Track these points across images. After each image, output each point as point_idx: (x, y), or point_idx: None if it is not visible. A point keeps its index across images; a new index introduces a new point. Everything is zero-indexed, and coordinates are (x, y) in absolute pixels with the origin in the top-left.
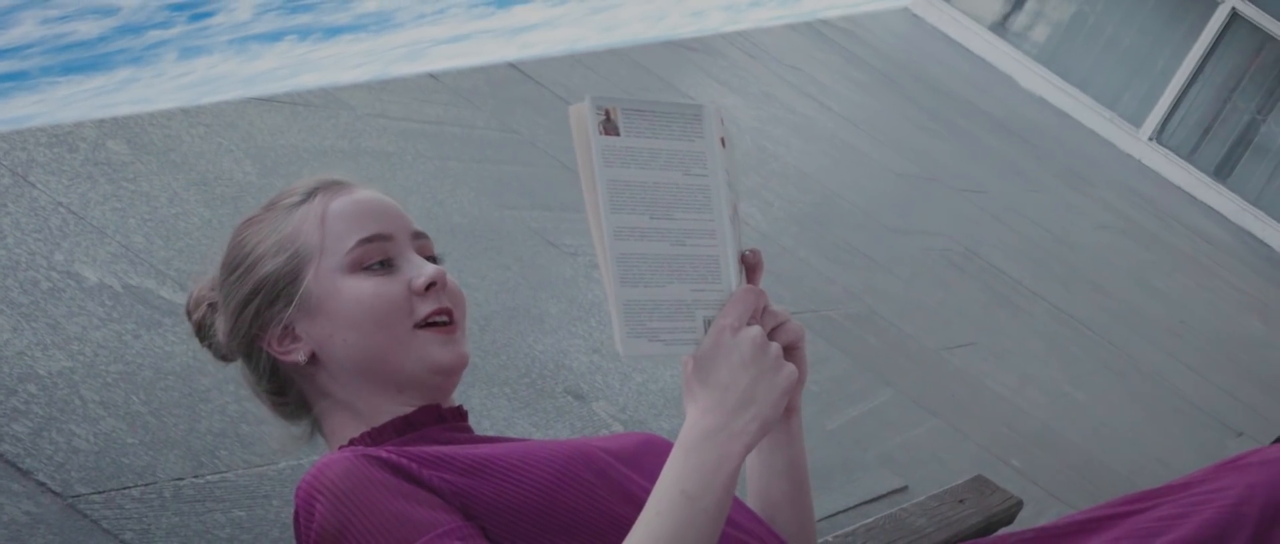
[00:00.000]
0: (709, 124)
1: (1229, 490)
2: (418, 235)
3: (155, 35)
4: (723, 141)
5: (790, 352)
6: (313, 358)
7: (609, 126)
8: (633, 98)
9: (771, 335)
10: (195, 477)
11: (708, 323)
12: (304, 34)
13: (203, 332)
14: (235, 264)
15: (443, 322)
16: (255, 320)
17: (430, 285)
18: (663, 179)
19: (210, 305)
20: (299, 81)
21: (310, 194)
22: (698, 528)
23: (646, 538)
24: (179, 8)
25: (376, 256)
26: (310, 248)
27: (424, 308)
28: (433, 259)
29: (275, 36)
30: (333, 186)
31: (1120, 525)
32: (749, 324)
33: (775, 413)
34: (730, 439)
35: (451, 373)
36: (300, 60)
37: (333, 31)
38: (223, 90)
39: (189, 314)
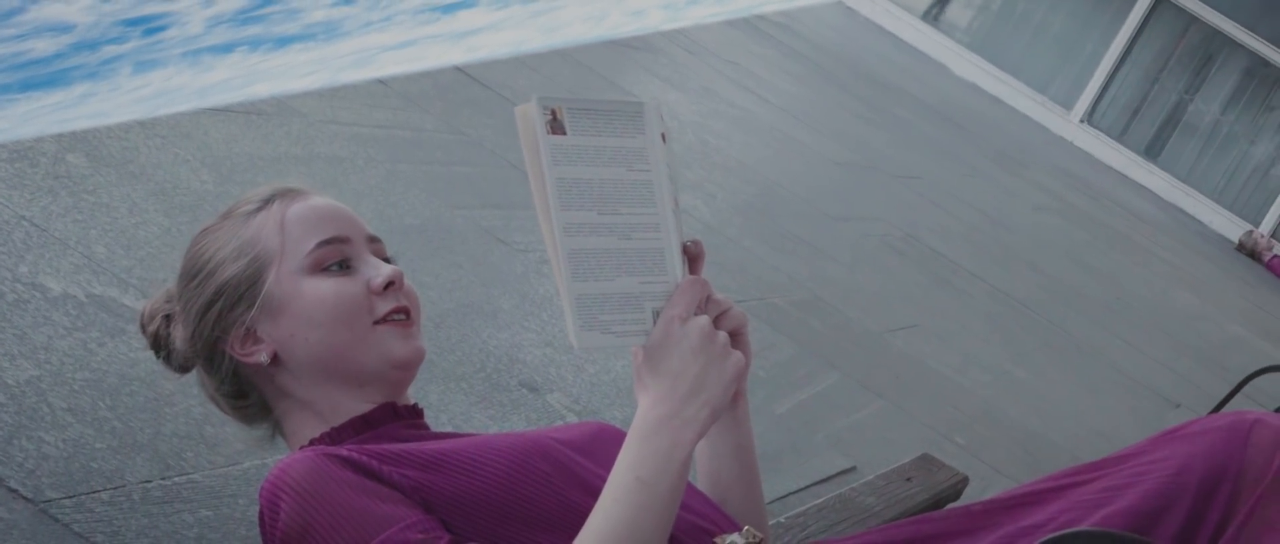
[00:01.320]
0: (650, 120)
1: (1169, 460)
2: (372, 239)
3: (110, 50)
4: (663, 137)
5: (734, 338)
6: (275, 358)
7: (556, 126)
8: (576, 97)
9: (716, 323)
10: (162, 479)
11: (656, 313)
12: (255, 45)
13: (158, 344)
14: (194, 272)
15: (401, 319)
16: (217, 324)
17: (388, 284)
18: (608, 175)
19: (165, 318)
20: (252, 91)
21: (267, 201)
22: (653, 513)
23: (604, 524)
24: (133, 23)
25: (335, 258)
26: (270, 252)
27: (383, 306)
28: (387, 260)
29: (227, 48)
30: (289, 193)
31: (1065, 497)
32: (696, 314)
33: (725, 398)
34: (682, 426)
35: (409, 366)
36: (252, 70)
37: (283, 41)
38: (178, 102)
39: (143, 328)
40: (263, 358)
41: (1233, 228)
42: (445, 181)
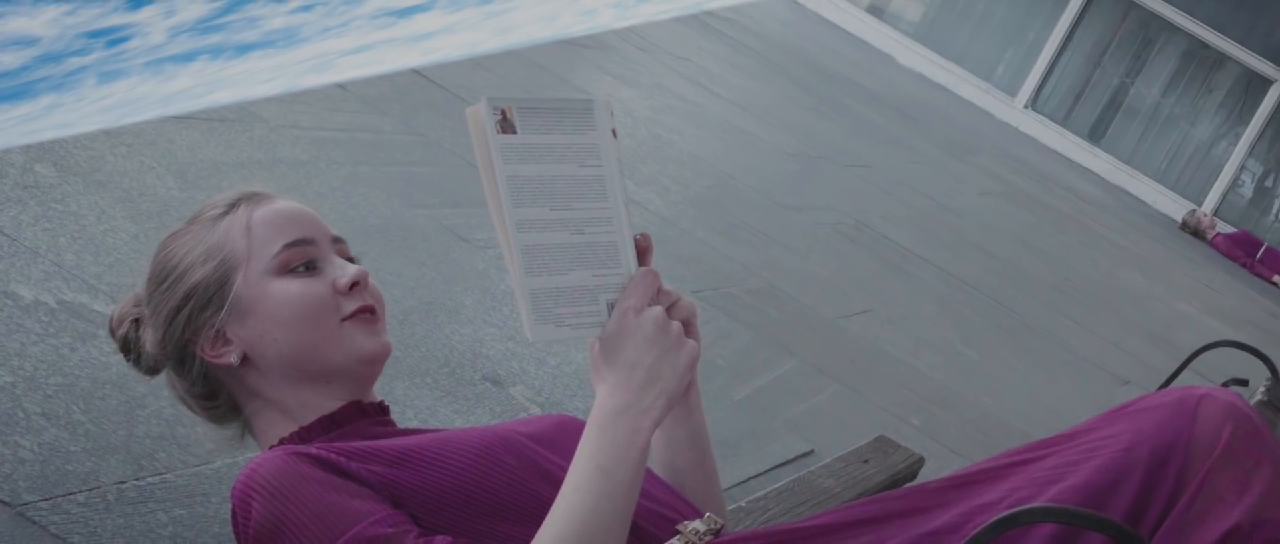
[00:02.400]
0: (600, 116)
1: (1120, 436)
2: (336, 240)
3: (74, 62)
4: (613, 132)
5: (685, 328)
6: (244, 359)
7: (506, 125)
8: (526, 96)
9: (668, 313)
10: (136, 479)
11: (611, 305)
12: (216, 53)
13: (128, 347)
14: (163, 276)
15: (367, 317)
16: (187, 327)
17: (354, 284)
18: (560, 172)
19: (134, 322)
20: (214, 98)
21: (233, 205)
22: (614, 500)
23: (567, 513)
24: (96, 35)
25: (301, 260)
26: (237, 255)
27: (349, 305)
28: (351, 260)
29: (189, 57)
30: (254, 198)
31: (1018, 474)
32: (650, 305)
33: (680, 387)
34: (640, 415)
35: (377, 362)
36: (214, 78)
37: (243, 49)
38: (142, 111)
39: (112, 332)
40: (233, 359)
41: (1176, 207)
42: (405, 182)
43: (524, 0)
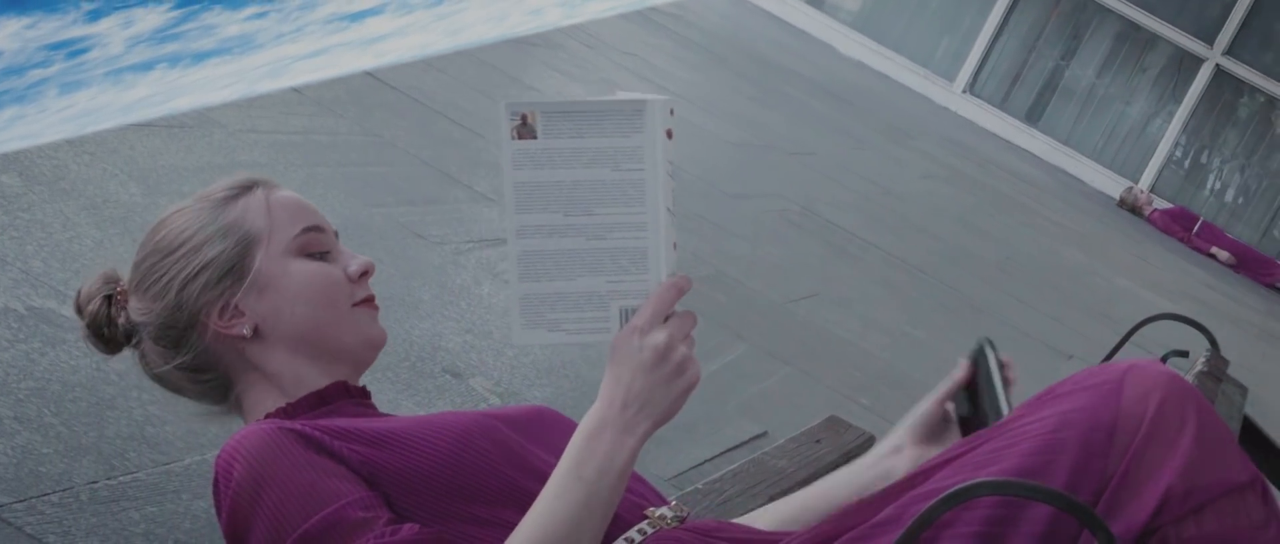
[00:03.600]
0: (651, 119)
1: (1047, 419)
2: (337, 234)
3: (36, 74)
4: (669, 134)
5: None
6: (255, 331)
7: (525, 130)
8: (562, 100)
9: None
10: (108, 479)
11: (625, 313)
12: (174, 61)
13: (97, 324)
14: (171, 247)
15: (371, 305)
16: (202, 296)
17: (364, 273)
18: (585, 177)
19: (105, 298)
20: (173, 105)
21: (248, 187)
22: (591, 511)
23: (545, 517)
24: (56, 47)
25: (318, 246)
26: (258, 232)
27: (359, 292)
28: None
29: (148, 66)
30: (267, 182)
31: (953, 465)
32: (666, 321)
33: (670, 413)
34: (624, 432)
35: (378, 347)
36: (172, 86)
37: (200, 57)
38: (103, 120)
39: (80, 310)
40: (246, 330)
41: (1113, 185)
42: (362, 182)
43: (473, 1)
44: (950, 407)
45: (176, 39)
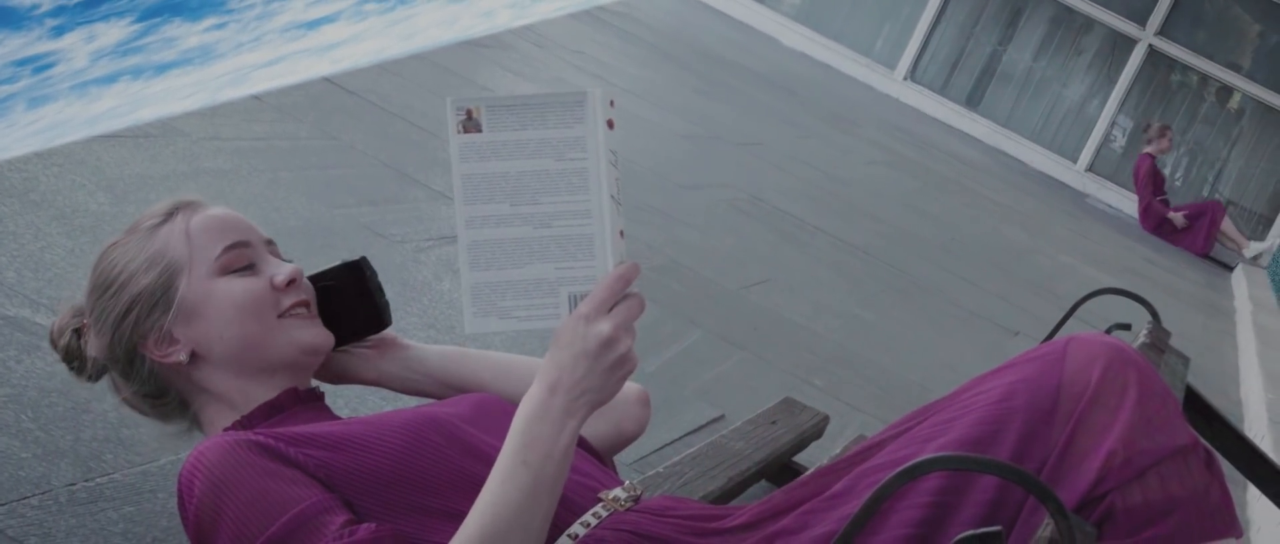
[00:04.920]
0: (592, 109)
1: (992, 391)
2: (269, 242)
3: (3, 90)
4: (609, 124)
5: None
6: (192, 356)
7: (470, 125)
8: (504, 95)
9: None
10: (86, 481)
11: (574, 298)
12: (137, 73)
13: (70, 356)
14: (105, 285)
15: (302, 312)
16: (135, 330)
17: (290, 281)
18: (530, 167)
19: (74, 331)
20: (138, 116)
21: (170, 215)
22: (536, 495)
23: (493, 504)
24: (23, 63)
25: (241, 262)
26: (180, 260)
27: (287, 300)
28: (284, 260)
29: (112, 79)
30: (189, 205)
31: (902, 438)
32: (612, 310)
33: (608, 398)
34: (565, 415)
35: (319, 350)
36: (137, 97)
37: (163, 68)
38: (70, 132)
39: (54, 343)
40: (181, 357)
41: (1053, 166)
42: (323, 184)
43: (425, 6)
44: None
45: (139, 52)
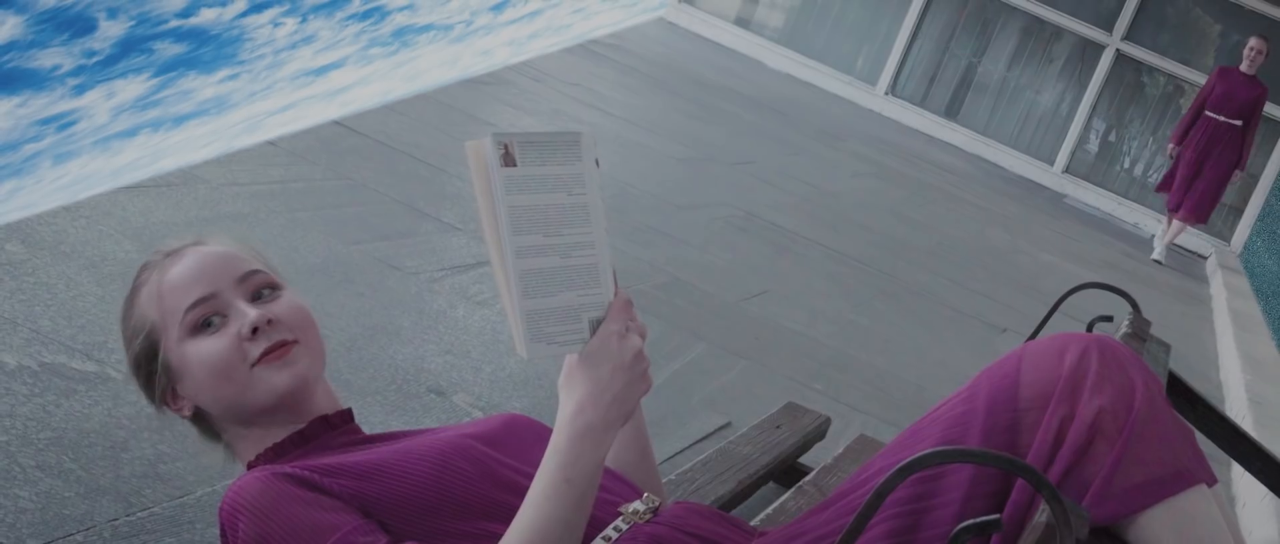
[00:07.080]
0: (586, 148)
1: (959, 395)
2: (245, 278)
3: (30, 148)
4: (597, 162)
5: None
6: (196, 410)
7: (508, 159)
8: (522, 131)
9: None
10: (127, 516)
11: (593, 323)
12: (157, 125)
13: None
14: (124, 343)
15: (274, 355)
16: (148, 387)
17: (255, 329)
18: (552, 200)
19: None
20: (159, 166)
21: (144, 272)
22: (578, 510)
23: (537, 520)
24: (47, 121)
25: (206, 316)
26: (156, 325)
27: (255, 350)
28: (264, 288)
29: (132, 132)
30: (165, 259)
31: (887, 456)
32: (630, 329)
33: (633, 410)
34: (605, 431)
35: (296, 394)
36: (157, 148)
37: (180, 119)
38: (95, 185)
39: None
40: (186, 412)
41: (1032, 169)
42: (339, 222)
43: (428, 47)
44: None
45: (157, 105)
